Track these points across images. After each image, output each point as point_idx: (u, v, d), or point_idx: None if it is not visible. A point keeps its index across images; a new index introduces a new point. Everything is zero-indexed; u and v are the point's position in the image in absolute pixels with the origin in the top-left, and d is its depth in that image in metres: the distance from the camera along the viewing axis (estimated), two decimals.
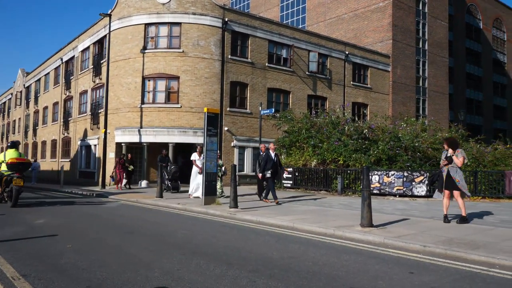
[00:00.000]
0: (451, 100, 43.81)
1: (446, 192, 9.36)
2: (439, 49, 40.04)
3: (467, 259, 6.16)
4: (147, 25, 23.92)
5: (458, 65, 48.05)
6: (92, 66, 28.15)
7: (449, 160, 9.32)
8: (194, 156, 15.57)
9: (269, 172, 13.57)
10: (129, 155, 21.88)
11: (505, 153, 20.19)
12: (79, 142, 29.54)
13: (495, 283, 5.00)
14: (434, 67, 39.35)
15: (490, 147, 21.02)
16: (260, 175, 13.95)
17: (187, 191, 16.30)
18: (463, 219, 9.24)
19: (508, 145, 21.43)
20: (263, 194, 14.28)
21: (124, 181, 20.95)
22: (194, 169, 15.52)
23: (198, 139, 22.63)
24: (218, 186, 14.60)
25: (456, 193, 9.25)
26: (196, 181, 15.32)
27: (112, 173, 21.78)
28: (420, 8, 38.42)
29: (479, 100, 51.78)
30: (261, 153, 14.19)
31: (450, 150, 9.36)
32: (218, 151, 15.08)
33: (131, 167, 21.35)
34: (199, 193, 14.58)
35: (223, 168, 15.99)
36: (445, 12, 41.40)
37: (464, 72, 49.41)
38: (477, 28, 51.77)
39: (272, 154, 13.85)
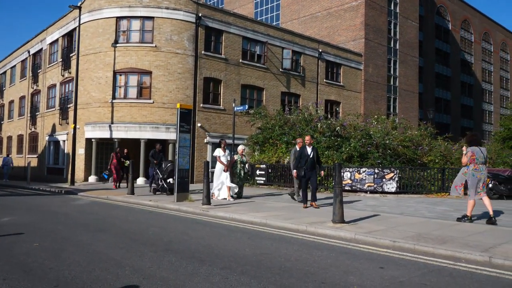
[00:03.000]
0: (420, 99, 44.77)
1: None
2: (409, 48, 40.81)
3: (434, 253, 6.30)
4: (119, 18, 23.48)
5: (427, 65, 49.12)
6: (61, 60, 27.46)
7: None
8: (218, 152, 13.88)
9: (303, 170, 11.37)
10: (125, 150, 20.13)
11: None
12: (47, 138, 28.78)
13: (461, 277, 5.13)
14: (404, 66, 40.08)
15: (457, 145, 21.60)
16: (294, 172, 11.91)
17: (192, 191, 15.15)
18: (464, 216, 9.17)
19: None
20: (296, 196, 13.20)
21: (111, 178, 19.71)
22: (218, 166, 13.82)
23: (171, 135, 22.42)
24: (241, 185, 14.19)
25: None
26: (221, 180, 13.70)
27: (107, 170, 19.96)
28: (392, 8, 39.04)
29: (447, 99, 53.13)
30: (297, 149, 12.48)
31: (463, 148, 9.29)
32: (242, 147, 14.53)
33: (127, 162, 18.77)
34: (224, 193, 13.60)
35: (246, 165, 14.65)
36: (416, 13, 42.20)
37: (433, 72, 50.57)
38: (446, 29, 53.03)
39: (309, 149, 11.51)
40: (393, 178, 16.93)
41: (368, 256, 6.23)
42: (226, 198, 13.47)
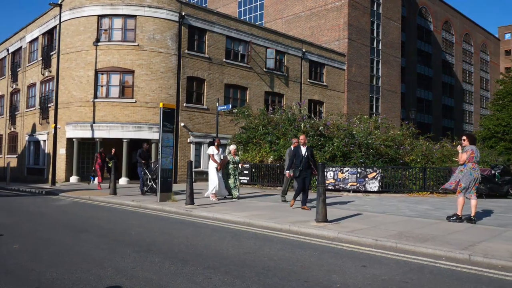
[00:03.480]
0: (403, 99, 45.31)
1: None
2: (392, 49, 41.25)
3: (416, 251, 6.39)
4: (100, 16, 23.21)
5: (409, 65, 49.73)
6: (41, 58, 27.01)
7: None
8: (212, 150, 13.39)
9: (298, 170, 10.90)
10: (113, 150, 19.34)
11: (452, 151, 21.10)
12: (27, 138, 28.30)
13: (442, 274, 5.21)
14: (387, 67, 40.51)
15: (438, 145, 21.91)
16: (287, 173, 12.00)
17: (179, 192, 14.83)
18: (455, 215, 9.09)
19: (454, 143, 22.42)
20: (281, 196, 13.09)
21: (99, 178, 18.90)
22: (212, 165, 13.29)
23: (154, 134, 22.26)
24: (234, 185, 13.88)
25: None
26: (215, 178, 13.25)
27: (92, 171, 19.18)
28: (375, 9, 39.41)
29: (429, 100, 53.86)
30: (291, 149, 12.26)
31: (459, 147, 9.20)
32: (234, 146, 14.24)
33: (111, 163, 18.38)
34: (221, 189, 13.41)
35: (239, 165, 14.34)
36: (398, 14, 42.68)
37: (415, 72, 51.22)
38: (428, 30, 53.75)
39: (303, 148, 11.09)
40: (376, 177, 17.09)
41: (351, 254, 6.28)
42: (210, 197, 13.23)
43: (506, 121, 30.11)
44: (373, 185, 17.13)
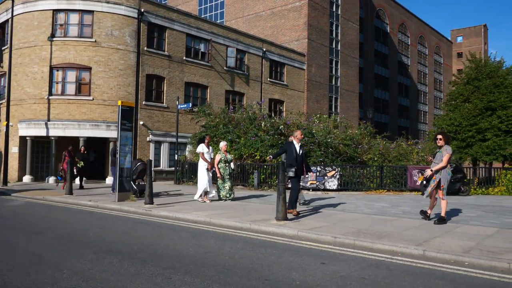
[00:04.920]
0: (360, 99, 46.37)
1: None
2: (350, 50, 42.10)
3: (373, 248, 6.56)
4: (56, 11, 22.44)
5: (367, 66, 50.96)
6: None
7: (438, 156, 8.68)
8: (201, 148, 12.58)
9: (292, 170, 9.56)
10: (82, 148, 18.23)
11: (408, 149, 21.77)
12: None
13: (397, 270, 5.38)
14: (345, 67, 41.31)
15: (394, 144, 22.56)
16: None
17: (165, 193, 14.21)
18: (442, 219, 8.64)
19: (410, 142, 23.16)
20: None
21: (77, 180, 17.82)
22: (201, 164, 12.54)
23: (112, 133, 21.76)
24: (227, 187, 12.59)
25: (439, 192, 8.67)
26: (205, 179, 12.41)
27: (60, 171, 17.70)
28: (334, 10, 40.09)
29: (386, 100, 55.40)
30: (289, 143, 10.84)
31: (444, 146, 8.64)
32: (224, 143, 12.92)
33: (81, 163, 17.37)
34: (213, 192, 12.70)
35: (232, 164, 12.82)
36: (356, 15, 43.60)
37: (373, 73, 52.55)
38: (384, 31, 55.25)
39: (297, 146, 9.85)
40: (335, 175, 17.42)
41: (311, 252, 6.37)
42: (204, 201, 12.33)
43: (458, 121, 31.31)
44: (332, 184, 17.44)
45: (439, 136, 8.72)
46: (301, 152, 9.86)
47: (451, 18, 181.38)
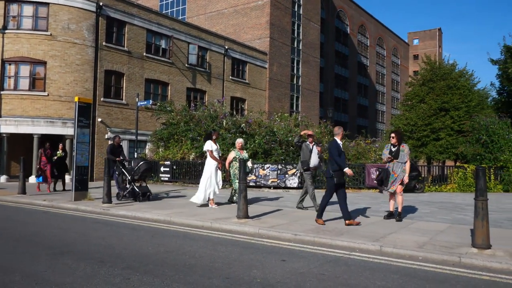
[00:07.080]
0: (321, 98, 47.06)
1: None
2: (312, 49, 42.61)
3: (332, 244, 6.67)
4: (8, 2, 21.49)
5: (328, 66, 51.76)
6: None
7: (396, 155, 8.86)
8: (209, 145, 11.00)
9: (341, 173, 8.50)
10: (60, 145, 16.14)
11: (366, 148, 22.27)
12: None
13: (355, 265, 5.49)
14: (307, 67, 41.79)
15: (353, 142, 23.02)
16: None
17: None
18: (399, 215, 8.89)
19: (368, 141, 23.71)
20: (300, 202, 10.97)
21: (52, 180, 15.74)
22: (209, 163, 10.97)
23: (68, 130, 21.11)
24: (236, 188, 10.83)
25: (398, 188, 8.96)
26: (213, 180, 10.90)
27: (38, 171, 15.74)
28: (296, 9, 40.45)
29: (345, 99, 56.49)
30: (296, 143, 10.86)
31: (402, 145, 8.94)
32: (241, 140, 11.67)
33: (55, 157, 15.60)
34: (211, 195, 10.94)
35: (249, 163, 11.24)
36: (318, 16, 44.16)
37: (333, 73, 53.44)
38: (345, 32, 56.28)
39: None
40: (295, 174, 17.59)
41: (271, 249, 6.40)
42: (209, 205, 10.94)
43: (414, 121, 32.37)
44: (293, 181, 17.61)
45: (392, 135, 9.18)
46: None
47: (408, 20, 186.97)
